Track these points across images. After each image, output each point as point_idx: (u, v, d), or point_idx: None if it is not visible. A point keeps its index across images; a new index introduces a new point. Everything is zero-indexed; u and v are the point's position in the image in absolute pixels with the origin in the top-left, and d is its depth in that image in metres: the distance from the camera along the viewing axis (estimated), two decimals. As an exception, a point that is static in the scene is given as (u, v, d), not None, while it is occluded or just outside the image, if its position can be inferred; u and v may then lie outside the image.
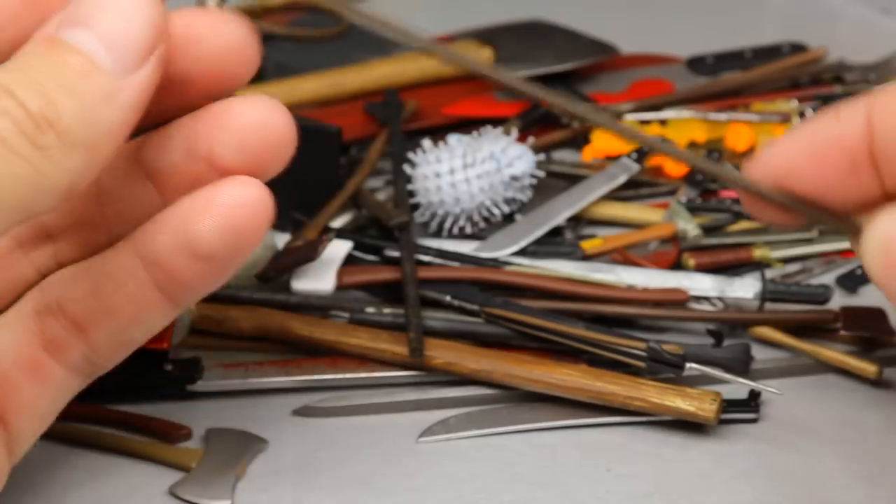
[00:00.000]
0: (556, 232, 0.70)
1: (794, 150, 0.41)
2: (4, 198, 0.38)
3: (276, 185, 0.74)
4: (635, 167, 0.75)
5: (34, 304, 0.45)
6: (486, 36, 0.88)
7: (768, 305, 0.64)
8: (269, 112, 0.43)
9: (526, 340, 0.61)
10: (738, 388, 0.59)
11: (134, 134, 0.41)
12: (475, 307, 0.62)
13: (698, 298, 0.65)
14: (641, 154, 0.75)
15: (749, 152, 0.78)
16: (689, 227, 0.69)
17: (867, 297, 0.67)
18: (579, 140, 0.80)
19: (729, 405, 0.58)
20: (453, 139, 0.72)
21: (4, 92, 0.38)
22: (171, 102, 0.43)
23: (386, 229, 0.68)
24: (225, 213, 0.42)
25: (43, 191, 0.38)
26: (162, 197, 0.44)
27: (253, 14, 0.93)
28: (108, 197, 0.45)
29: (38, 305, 0.45)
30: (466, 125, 0.78)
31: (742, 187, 0.41)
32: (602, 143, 0.78)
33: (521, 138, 0.75)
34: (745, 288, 0.65)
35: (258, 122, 0.42)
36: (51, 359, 0.45)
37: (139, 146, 0.44)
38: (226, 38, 0.42)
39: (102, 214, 0.45)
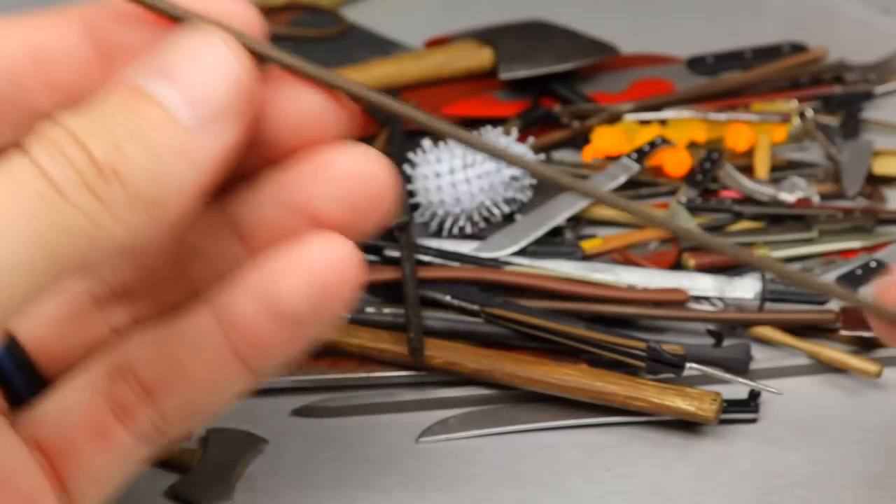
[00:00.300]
0: (556, 232, 0.70)
1: None
2: (54, 252, 0.35)
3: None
4: (635, 167, 0.75)
5: (106, 365, 0.42)
6: (486, 36, 0.88)
7: (768, 305, 0.64)
8: (371, 162, 0.40)
9: (526, 340, 0.61)
10: (738, 388, 0.59)
11: (221, 188, 0.39)
12: (475, 307, 0.62)
13: (698, 298, 0.65)
14: (641, 154, 0.75)
15: (749, 152, 0.78)
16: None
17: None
18: (579, 140, 0.80)
19: (729, 405, 0.58)
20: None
21: (70, 137, 0.36)
22: (260, 158, 0.40)
23: (386, 229, 0.68)
24: (311, 273, 0.39)
25: (99, 247, 0.36)
26: (250, 254, 0.41)
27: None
28: (191, 253, 0.42)
29: (110, 367, 0.42)
30: (467, 125, 0.78)
31: (874, 312, 0.41)
32: (602, 143, 0.78)
33: (522, 138, 0.75)
34: (745, 288, 0.65)
35: (360, 174, 0.40)
36: (118, 424, 0.42)
37: (226, 200, 0.41)
38: (320, 101, 0.41)
39: (185, 271, 0.42)
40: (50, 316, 0.43)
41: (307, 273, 0.39)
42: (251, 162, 0.40)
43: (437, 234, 0.71)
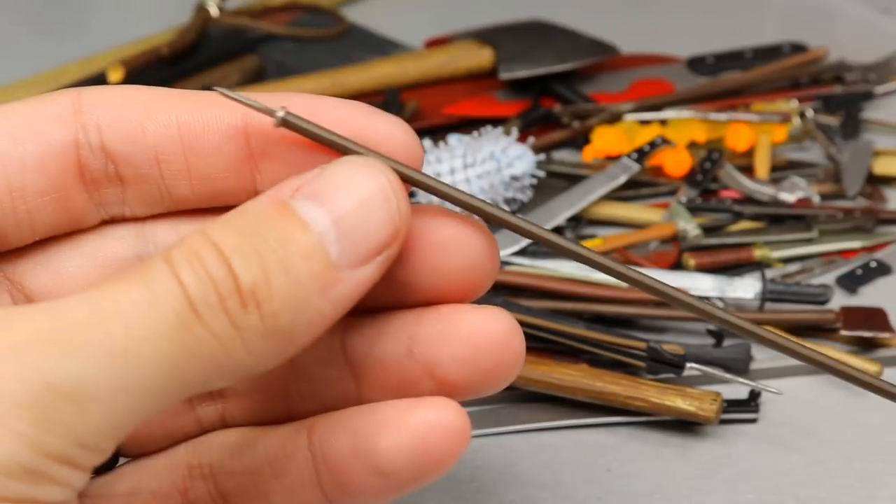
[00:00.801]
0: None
1: None
2: (181, 376, 0.33)
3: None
4: (635, 167, 0.75)
5: (188, 458, 0.41)
6: (486, 36, 0.88)
7: (768, 305, 0.64)
8: (504, 327, 0.38)
9: (526, 341, 0.61)
10: (738, 388, 0.59)
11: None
12: (475, 307, 0.62)
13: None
14: (642, 154, 0.75)
15: (749, 152, 0.78)
16: (690, 227, 0.69)
17: (867, 297, 0.67)
18: (579, 140, 0.80)
19: (729, 405, 0.58)
20: (453, 139, 0.72)
21: (215, 251, 0.33)
22: (396, 296, 0.38)
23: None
24: (415, 434, 0.37)
25: (224, 373, 0.34)
26: (358, 390, 0.39)
27: (253, 14, 0.93)
28: (300, 374, 0.40)
29: (192, 462, 0.41)
30: (467, 125, 0.78)
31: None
32: (602, 143, 0.78)
33: (522, 138, 0.75)
34: (745, 288, 0.65)
35: (491, 338, 0.38)
36: None
37: (350, 330, 0.39)
38: (471, 252, 0.38)
39: (287, 389, 0.40)
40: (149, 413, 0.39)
41: (410, 433, 0.37)
42: (385, 298, 0.38)
43: (438, 234, 0.70)
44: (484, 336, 0.38)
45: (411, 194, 0.39)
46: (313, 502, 0.39)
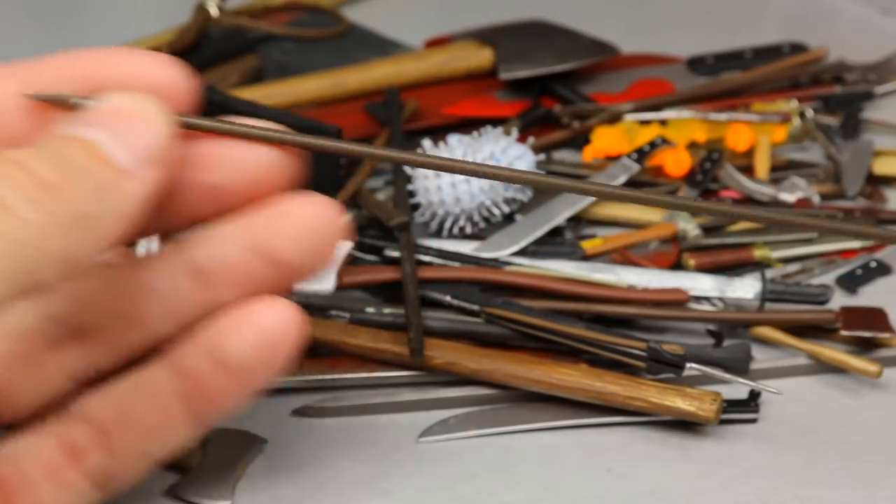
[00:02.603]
0: (556, 232, 0.70)
1: None
2: (7, 264, 0.39)
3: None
4: (635, 167, 0.75)
5: (62, 409, 0.46)
6: (486, 36, 0.88)
7: (768, 305, 0.64)
8: (323, 207, 0.46)
9: (526, 340, 0.61)
10: (738, 388, 0.59)
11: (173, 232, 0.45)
12: (475, 307, 0.62)
13: (698, 298, 0.65)
14: (642, 154, 0.75)
15: (749, 152, 0.78)
16: (689, 227, 0.69)
17: (867, 297, 0.67)
18: (579, 140, 0.80)
19: (729, 405, 0.58)
20: (453, 139, 0.72)
21: (15, 163, 0.40)
22: (220, 206, 0.45)
23: (386, 229, 0.68)
24: (257, 329, 0.45)
25: (46, 258, 0.39)
26: (208, 294, 0.46)
27: (253, 14, 0.93)
28: (149, 294, 0.46)
29: (65, 410, 0.46)
30: (467, 125, 0.78)
31: None
32: (602, 143, 0.78)
33: (522, 138, 0.75)
34: (745, 288, 0.65)
35: (315, 216, 0.46)
36: (69, 464, 0.45)
37: (187, 244, 0.46)
38: (264, 158, 0.45)
39: (141, 314, 0.46)
40: (2, 355, 0.45)
41: (253, 329, 0.45)
42: (211, 209, 0.45)
43: (438, 234, 0.71)
44: (310, 215, 0.46)
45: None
46: (180, 419, 0.46)
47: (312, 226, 0.46)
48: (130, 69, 0.44)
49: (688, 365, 0.58)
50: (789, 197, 0.73)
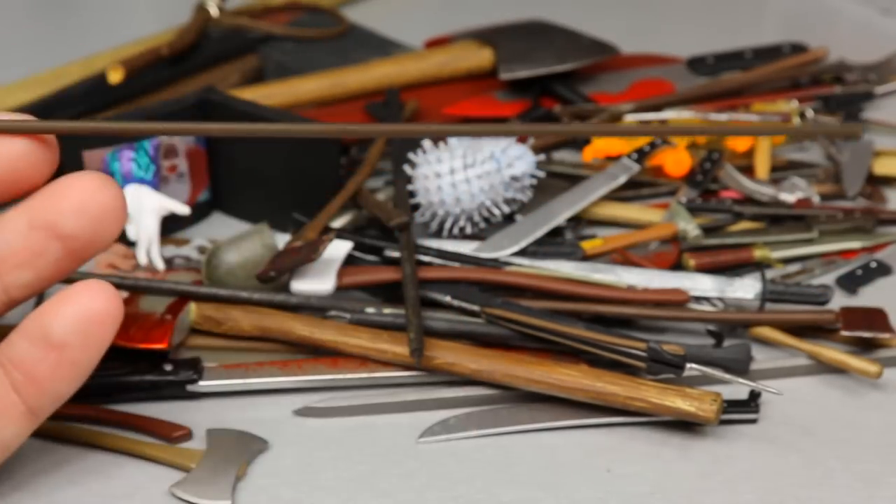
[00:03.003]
0: (556, 232, 0.70)
1: None
2: None
3: (277, 186, 0.74)
4: (635, 167, 0.75)
5: None
6: (486, 36, 0.88)
7: (768, 306, 0.64)
8: (102, 183, 0.48)
9: (526, 341, 0.61)
10: (738, 388, 0.59)
11: None
12: (475, 307, 0.62)
13: (698, 299, 0.65)
14: (642, 154, 0.75)
15: (749, 152, 0.78)
16: (690, 227, 0.69)
17: (867, 298, 0.67)
18: (579, 140, 0.80)
19: (729, 405, 0.58)
20: (454, 139, 0.72)
21: None
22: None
23: (386, 229, 0.68)
24: (77, 306, 0.48)
25: None
26: (1, 279, 0.48)
27: (253, 14, 0.93)
28: None
29: None
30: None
31: None
32: (602, 143, 0.78)
33: (522, 139, 0.75)
34: (745, 288, 0.65)
35: (93, 190, 0.47)
36: None
37: None
38: (20, 148, 0.48)
39: None
40: None
41: (73, 307, 0.47)
42: None
43: (438, 234, 0.71)
44: (84, 187, 0.47)
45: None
46: (14, 409, 0.48)
47: (90, 198, 0.47)
48: None
49: (688, 365, 0.58)
50: (789, 197, 0.73)
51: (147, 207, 0.66)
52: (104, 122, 0.50)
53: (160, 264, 0.66)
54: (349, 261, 0.66)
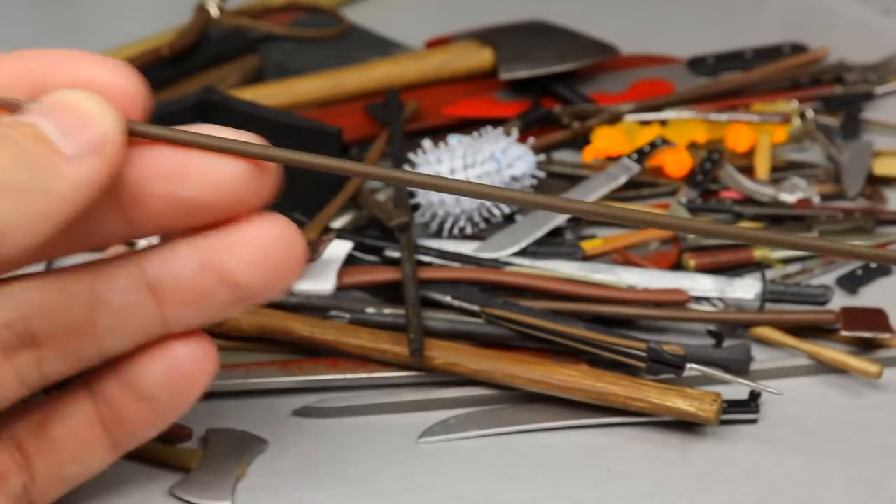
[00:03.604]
0: (556, 232, 0.70)
1: None
2: None
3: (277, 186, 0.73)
4: (636, 168, 0.75)
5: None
6: (486, 36, 0.88)
7: (768, 306, 0.64)
8: (285, 232, 0.45)
9: (526, 341, 0.61)
10: (738, 388, 0.59)
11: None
12: (475, 308, 0.62)
13: (699, 299, 0.65)
14: (642, 154, 0.75)
15: (749, 152, 0.78)
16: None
17: (867, 298, 0.67)
18: (580, 140, 0.80)
19: (729, 406, 0.58)
20: (454, 140, 0.72)
21: None
22: (182, 221, 0.45)
23: (386, 229, 0.68)
24: (169, 364, 0.46)
25: None
26: (161, 311, 0.45)
27: (253, 14, 0.93)
28: (105, 306, 0.45)
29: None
30: (467, 126, 0.78)
31: None
32: (602, 143, 0.78)
33: (522, 139, 0.75)
34: (745, 288, 0.65)
35: (275, 241, 0.45)
36: None
37: (145, 258, 0.46)
38: (230, 171, 0.44)
39: (95, 326, 0.45)
40: None
41: (167, 361, 0.45)
42: (175, 220, 0.45)
43: (438, 234, 0.71)
44: (267, 238, 0.44)
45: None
46: (98, 442, 0.47)
47: (270, 249, 0.45)
48: (82, 72, 0.44)
49: (688, 365, 0.58)
50: (789, 197, 0.73)
51: None
52: (349, 162, 0.46)
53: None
54: (349, 261, 0.66)
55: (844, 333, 0.62)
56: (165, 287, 0.45)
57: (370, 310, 0.62)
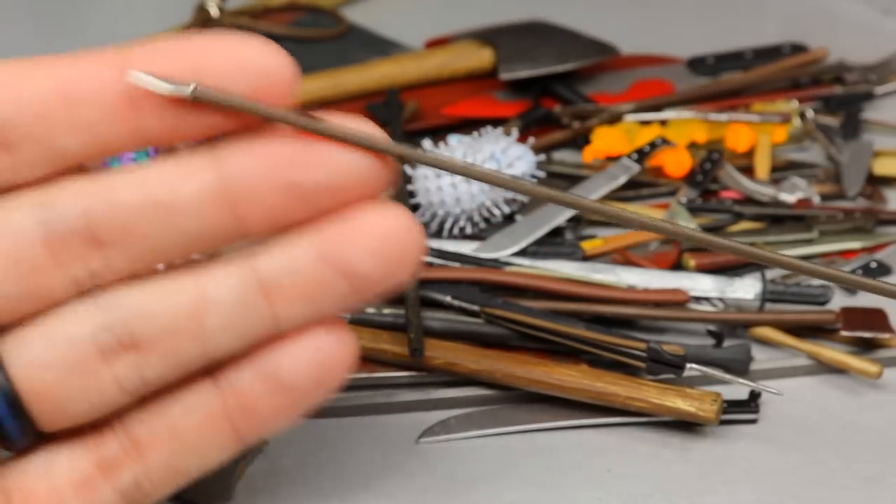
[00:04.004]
0: (556, 232, 0.70)
1: None
2: None
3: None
4: (636, 168, 0.75)
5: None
6: (486, 36, 0.88)
7: (768, 306, 0.64)
8: (405, 220, 0.43)
9: (526, 341, 0.61)
10: (738, 388, 0.59)
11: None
12: (475, 307, 0.62)
13: (698, 299, 0.65)
14: (642, 154, 0.75)
15: (749, 152, 0.78)
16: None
17: (867, 298, 0.67)
18: (580, 140, 0.80)
19: (729, 406, 0.58)
20: (454, 140, 0.72)
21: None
22: (295, 214, 0.42)
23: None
24: (313, 352, 0.43)
25: None
26: (272, 308, 0.43)
27: (253, 14, 0.93)
28: (212, 305, 0.43)
29: (101, 420, 0.43)
30: (467, 126, 0.78)
31: None
32: (602, 143, 0.78)
33: (522, 139, 0.75)
34: (745, 288, 0.65)
35: (394, 230, 0.42)
36: (102, 479, 0.43)
37: (256, 253, 0.43)
38: (352, 159, 0.42)
39: (201, 327, 0.43)
40: (51, 362, 0.42)
41: (310, 351, 0.43)
42: (292, 211, 0.42)
43: (438, 234, 0.71)
44: (388, 226, 0.42)
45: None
46: (222, 435, 0.44)
47: (391, 238, 0.42)
48: (236, 57, 0.41)
49: (688, 365, 0.58)
50: (789, 197, 0.73)
51: None
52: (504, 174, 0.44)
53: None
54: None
55: (844, 333, 0.62)
56: (281, 282, 0.43)
57: (370, 309, 0.62)
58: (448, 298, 0.63)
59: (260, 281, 0.42)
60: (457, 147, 0.70)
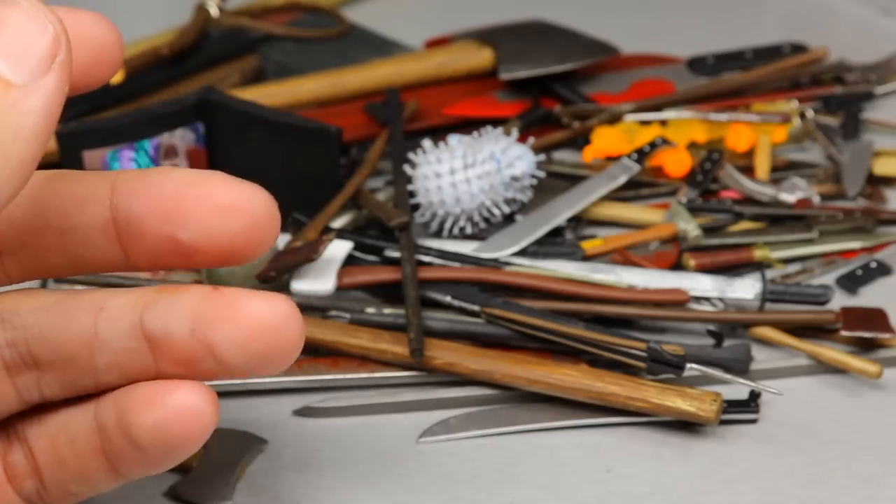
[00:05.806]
0: (556, 232, 0.70)
1: None
2: None
3: (277, 186, 0.74)
4: (636, 167, 0.75)
5: (5, 425, 0.45)
6: (486, 36, 0.88)
7: (769, 306, 0.64)
8: (280, 313, 0.42)
9: (526, 341, 0.61)
10: (738, 388, 0.59)
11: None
12: (475, 307, 0.62)
13: (699, 299, 0.65)
14: (642, 154, 0.75)
15: (749, 152, 0.78)
16: (690, 227, 0.69)
17: (867, 298, 0.67)
18: (580, 140, 0.80)
19: (729, 406, 0.58)
20: (454, 139, 0.72)
21: None
22: (178, 262, 0.43)
23: (386, 229, 0.68)
24: (163, 416, 0.42)
25: None
26: (156, 363, 0.43)
27: (253, 14, 0.93)
28: (103, 345, 0.43)
29: (10, 435, 0.46)
30: (467, 125, 0.78)
31: None
32: (602, 143, 0.78)
33: (522, 139, 0.75)
34: (745, 288, 0.65)
35: (267, 324, 0.42)
36: (8, 483, 0.45)
37: (146, 305, 0.43)
38: (251, 214, 0.42)
39: (92, 361, 0.44)
40: None
41: (159, 414, 0.42)
42: (171, 263, 0.43)
43: (438, 234, 0.71)
44: (259, 321, 0.41)
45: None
46: (100, 469, 0.44)
47: (261, 336, 0.41)
48: (74, 31, 0.41)
49: (688, 365, 0.58)
50: (789, 197, 0.73)
51: None
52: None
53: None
54: (349, 261, 0.66)
55: (844, 333, 0.62)
56: (159, 342, 0.43)
57: (370, 310, 0.62)
58: (448, 298, 0.63)
59: (145, 334, 0.43)
60: (457, 147, 0.70)
